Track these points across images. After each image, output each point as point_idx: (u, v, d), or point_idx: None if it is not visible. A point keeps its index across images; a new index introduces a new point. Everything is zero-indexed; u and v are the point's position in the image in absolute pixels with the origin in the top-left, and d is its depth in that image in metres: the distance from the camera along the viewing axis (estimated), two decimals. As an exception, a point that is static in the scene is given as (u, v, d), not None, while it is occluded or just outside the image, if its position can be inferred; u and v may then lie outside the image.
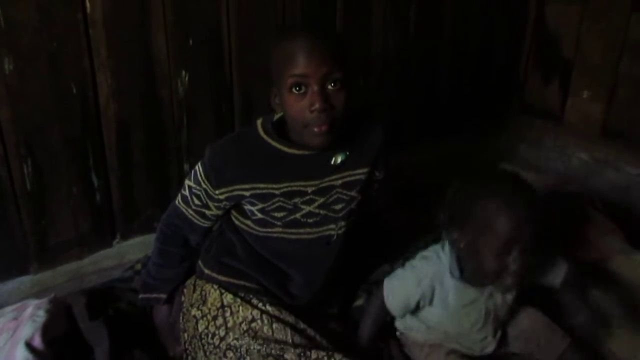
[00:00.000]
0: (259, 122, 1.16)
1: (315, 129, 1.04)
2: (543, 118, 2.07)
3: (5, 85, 1.16)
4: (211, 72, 1.42)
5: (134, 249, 1.42)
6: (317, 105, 1.02)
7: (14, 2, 1.12)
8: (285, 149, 1.12)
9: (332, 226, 1.19)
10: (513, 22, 2.05)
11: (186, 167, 1.45)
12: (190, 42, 1.36)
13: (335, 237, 1.20)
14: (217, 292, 1.17)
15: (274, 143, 1.12)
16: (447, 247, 1.15)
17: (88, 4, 1.20)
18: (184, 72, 1.38)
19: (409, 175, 1.75)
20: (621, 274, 1.32)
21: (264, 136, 1.13)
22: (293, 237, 1.17)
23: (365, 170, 1.19)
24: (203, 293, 1.19)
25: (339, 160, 1.15)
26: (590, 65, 1.89)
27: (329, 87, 1.04)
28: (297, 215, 1.16)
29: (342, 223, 1.19)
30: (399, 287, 1.18)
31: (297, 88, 1.04)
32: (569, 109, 1.98)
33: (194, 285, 1.22)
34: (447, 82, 1.93)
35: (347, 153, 1.16)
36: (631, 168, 1.79)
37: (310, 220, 1.17)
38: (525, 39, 2.09)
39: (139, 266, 1.38)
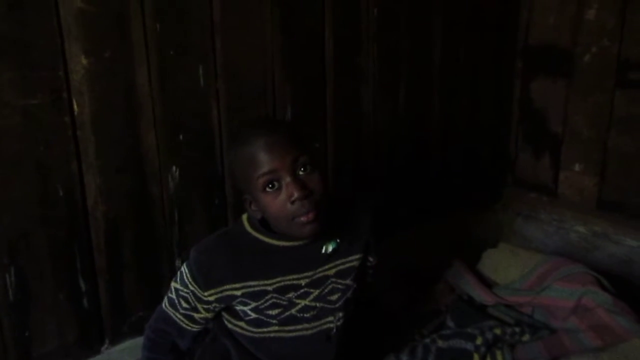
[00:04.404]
0: (244, 217, 1.13)
1: (303, 219, 1.01)
2: (537, 192, 2.07)
3: (-11, 196, 1.13)
4: (202, 165, 1.41)
5: (124, 355, 1.34)
6: (296, 195, 0.99)
7: (-2, 108, 1.10)
8: (275, 242, 1.09)
9: (330, 318, 1.14)
10: (499, 98, 2.08)
11: (177, 263, 1.41)
12: (181, 137, 1.35)
13: (334, 330, 1.15)
14: None
15: (262, 237, 1.09)
16: None
17: (76, 107, 1.19)
18: (174, 168, 1.36)
19: (405, 254, 1.71)
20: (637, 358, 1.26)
21: (251, 231, 1.10)
22: (291, 335, 1.12)
23: (357, 256, 1.16)
24: None
25: (330, 249, 1.12)
26: (579, 139, 1.91)
27: (300, 173, 1.02)
28: (293, 311, 1.11)
29: (340, 314, 1.15)
30: None
31: (270, 186, 1.01)
32: (562, 183, 1.98)
33: None
34: (438, 159, 1.94)
35: (338, 241, 1.13)
36: (631, 240, 1.77)
37: (307, 315, 1.12)
38: (513, 114, 2.12)
39: (128, 373, 1.31)
